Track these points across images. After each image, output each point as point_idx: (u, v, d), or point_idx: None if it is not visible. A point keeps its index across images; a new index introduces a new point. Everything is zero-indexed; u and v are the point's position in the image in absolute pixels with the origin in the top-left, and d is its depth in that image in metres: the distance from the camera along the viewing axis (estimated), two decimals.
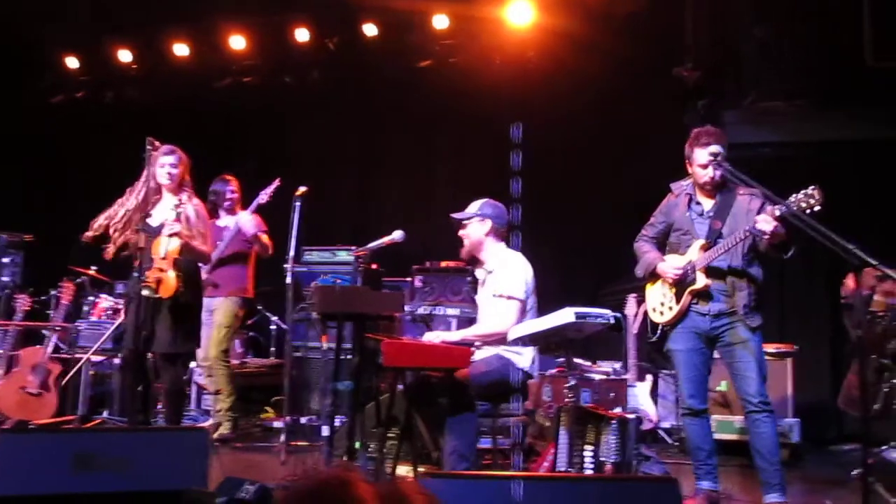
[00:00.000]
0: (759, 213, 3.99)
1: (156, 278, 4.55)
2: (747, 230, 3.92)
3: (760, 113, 6.43)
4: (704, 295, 4.12)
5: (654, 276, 4.32)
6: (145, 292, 4.53)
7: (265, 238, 5.96)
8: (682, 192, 4.31)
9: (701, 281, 4.08)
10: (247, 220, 5.83)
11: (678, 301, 4.16)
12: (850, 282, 4.50)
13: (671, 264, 4.20)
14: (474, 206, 4.55)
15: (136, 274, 4.65)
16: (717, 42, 6.74)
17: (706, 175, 4.14)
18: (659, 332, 4.31)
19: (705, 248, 4.10)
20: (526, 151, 7.62)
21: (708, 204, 4.21)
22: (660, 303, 4.27)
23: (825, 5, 6.38)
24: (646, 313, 4.43)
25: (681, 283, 4.15)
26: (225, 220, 6.04)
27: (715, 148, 4.06)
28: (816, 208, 3.65)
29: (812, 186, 3.70)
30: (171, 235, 4.59)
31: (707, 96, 6.60)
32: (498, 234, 4.53)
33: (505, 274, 4.39)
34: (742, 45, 6.63)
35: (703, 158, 4.13)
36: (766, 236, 3.84)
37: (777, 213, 3.78)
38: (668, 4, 6.88)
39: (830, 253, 3.33)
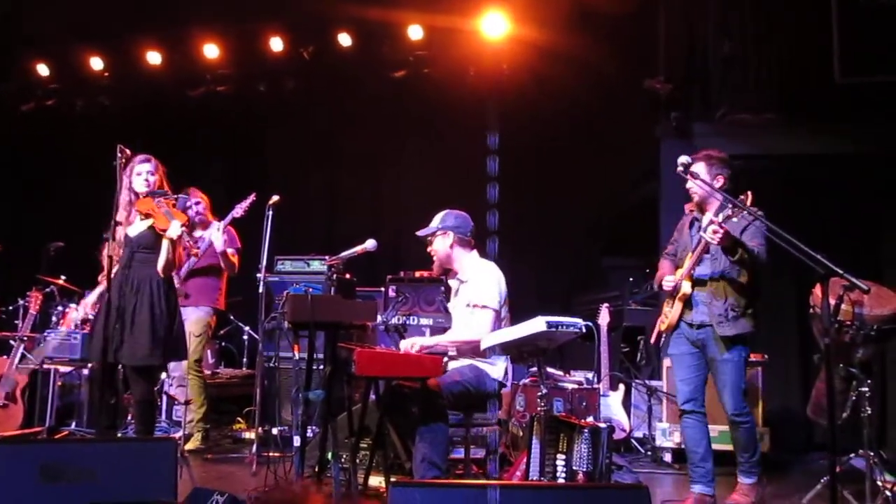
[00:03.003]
0: (745, 228, 4.07)
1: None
2: (699, 237, 4.10)
3: (731, 126, 6.51)
4: (689, 304, 4.27)
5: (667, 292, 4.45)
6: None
7: (233, 257, 5.89)
8: (689, 210, 4.43)
9: (684, 288, 4.23)
10: (217, 236, 5.76)
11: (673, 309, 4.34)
12: (817, 291, 4.55)
13: (668, 277, 4.34)
14: (436, 220, 4.52)
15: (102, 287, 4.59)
16: (689, 55, 6.83)
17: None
18: (663, 338, 4.45)
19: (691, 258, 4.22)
20: (499, 162, 7.67)
21: (706, 219, 4.25)
22: (665, 313, 4.43)
23: (795, 21, 6.49)
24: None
25: (674, 295, 4.31)
26: (198, 233, 5.97)
27: (682, 158, 4.05)
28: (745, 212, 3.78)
29: (743, 194, 3.84)
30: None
31: (679, 109, 6.68)
32: (464, 244, 4.49)
33: (478, 283, 4.38)
34: (713, 59, 6.73)
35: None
36: (715, 243, 3.98)
37: (719, 218, 3.90)
38: (641, 17, 6.96)
39: (799, 263, 3.37)
